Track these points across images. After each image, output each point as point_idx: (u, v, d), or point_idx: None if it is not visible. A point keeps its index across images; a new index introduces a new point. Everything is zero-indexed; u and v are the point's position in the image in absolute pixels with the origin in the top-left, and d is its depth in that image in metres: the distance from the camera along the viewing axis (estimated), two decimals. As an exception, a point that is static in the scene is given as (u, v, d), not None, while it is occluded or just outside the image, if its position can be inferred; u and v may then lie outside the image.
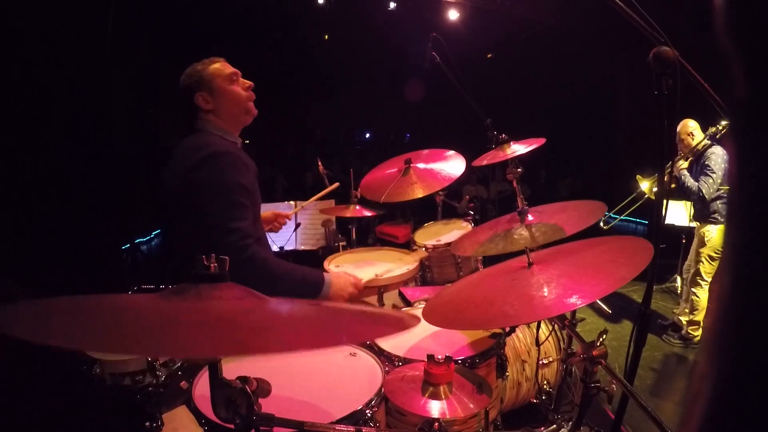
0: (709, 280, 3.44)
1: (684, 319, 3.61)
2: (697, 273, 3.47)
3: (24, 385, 1.81)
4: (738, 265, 0.29)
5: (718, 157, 3.27)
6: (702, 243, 3.45)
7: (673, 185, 3.26)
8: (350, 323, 0.79)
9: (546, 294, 1.09)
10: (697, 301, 3.47)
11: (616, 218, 3.92)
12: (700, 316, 3.48)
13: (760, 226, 0.28)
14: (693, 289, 3.50)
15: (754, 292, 0.28)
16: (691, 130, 3.43)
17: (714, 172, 3.25)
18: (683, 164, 3.45)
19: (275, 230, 2.21)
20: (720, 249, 3.37)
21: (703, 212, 3.45)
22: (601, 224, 4.02)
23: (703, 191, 3.28)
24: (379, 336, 0.81)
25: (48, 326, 0.59)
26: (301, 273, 1.66)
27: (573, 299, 1.03)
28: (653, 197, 3.67)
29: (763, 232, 0.28)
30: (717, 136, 3.32)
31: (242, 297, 0.75)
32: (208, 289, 0.73)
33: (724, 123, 3.25)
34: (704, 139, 3.38)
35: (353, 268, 2.44)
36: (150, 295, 0.76)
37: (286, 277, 1.60)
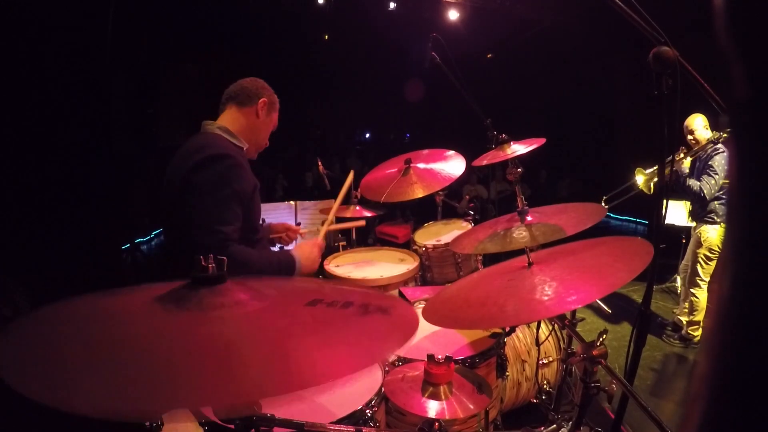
0: (707, 280, 3.43)
1: (684, 319, 3.61)
2: (695, 273, 3.47)
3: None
4: (738, 265, 0.29)
5: (722, 158, 3.27)
6: (698, 243, 3.45)
7: (672, 175, 3.23)
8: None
9: (545, 294, 1.09)
10: (697, 301, 3.47)
11: (613, 202, 3.90)
12: (700, 316, 3.48)
13: (760, 226, 0.28)
14: (692, 290, 3.50)
15: (754, 292, 0.28)
16: (701, 125, 3.43)
17: (717, 174, 3.26)
18: (685, 163, 3.43)
19: (285, 243, 2.24)
20: (716, 248, 3.38)
21: (699, 212, 3.46)
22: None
23: (705, 191, 3.29)
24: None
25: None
26: (277, 258, 1.78)
27: (571, 299, 1.03)
28: (647, 191, 3.66)
29: (762, 232, 0.28)
30: (719, 141, 3.31)
31: (245, 301, 0.74)
32: (209, 296, 0.72)
33: (727, 131, 3.21)
34: (708, 142, 3.37)
35: (353, 268, 2.45)
36: (148, 302, 0.74)
37: (266, 266, 1.69)
